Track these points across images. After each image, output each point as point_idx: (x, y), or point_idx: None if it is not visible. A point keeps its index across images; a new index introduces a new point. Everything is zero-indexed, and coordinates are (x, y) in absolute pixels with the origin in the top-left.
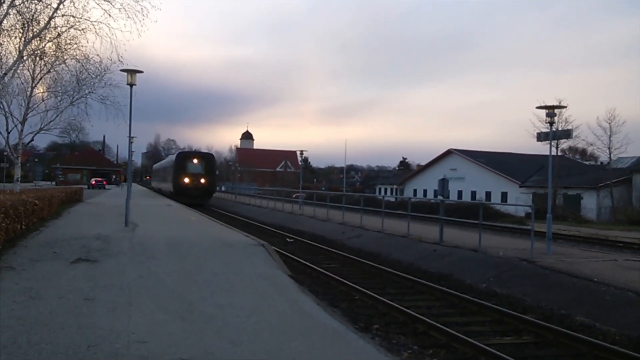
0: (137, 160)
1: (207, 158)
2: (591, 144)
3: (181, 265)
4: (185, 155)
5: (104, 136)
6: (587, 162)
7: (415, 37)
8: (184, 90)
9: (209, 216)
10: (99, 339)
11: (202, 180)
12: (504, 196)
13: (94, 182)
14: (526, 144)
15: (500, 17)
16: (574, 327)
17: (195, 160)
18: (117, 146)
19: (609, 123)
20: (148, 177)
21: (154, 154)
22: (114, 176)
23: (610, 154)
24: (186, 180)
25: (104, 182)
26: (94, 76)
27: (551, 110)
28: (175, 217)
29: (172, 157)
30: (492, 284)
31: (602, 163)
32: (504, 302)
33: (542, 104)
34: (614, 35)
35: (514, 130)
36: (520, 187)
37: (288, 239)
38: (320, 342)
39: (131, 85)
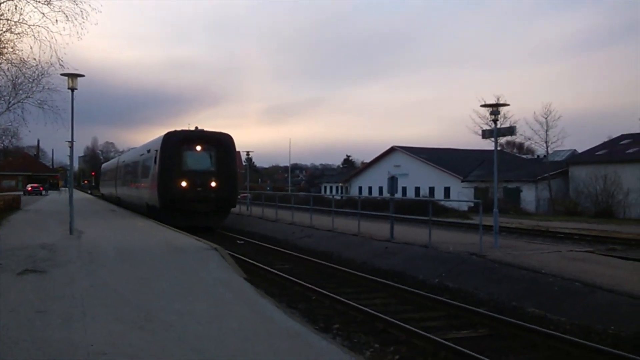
0: (74, 164)
1: (220, 142)
2: (529, 139)
3: (134, 272)
4: (182, 139)
5: (39, 140)
6: (525, 156)
7: (358, 36)
8: (123, 91)
9: (157, 221)
10: (57, 352)
11: (213, 184)
12: (447, 191)
13: (29, 189)
14: (466, 139)
15: (440, 16)
16: (526, 318)
17: (198, 148)
18: (52, 150)
19: (546, 118)
20: (86, 182)
21: (91, 157)
22: (50, 181)
23: (547, 148)
24: (184, 184)
25: (41, 188)
26: (31, 80)
27: (495, 109)
28: (121, 222)
29: (155, 143)
30: (445, 279)
31: (539, 156)
32: (457, 297)
33: (483, 102)
34: (550, 34)
35: (454, 127)
36: (462, 182)
37: (238, 241)
38: (283, 345)
39: (72, 89)
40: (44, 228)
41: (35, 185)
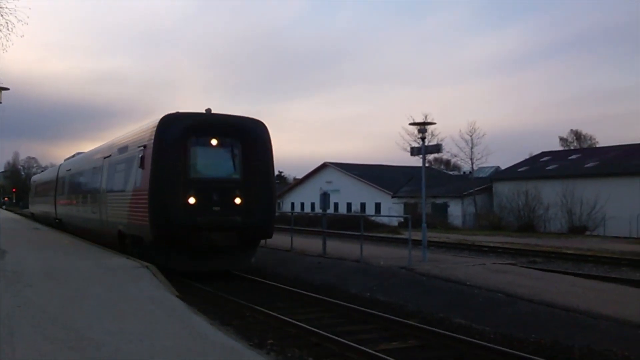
0: None
1: (249, 134)
2: (455, 155)
3: (62, 292)
4: (189, 127)
5: None
6: (451, 172)
7: (291, 52)
8: (47, 105)
9: (86, 241)
10: None
11: (238, 200)
12: (378, 207)
13: None
14: (396, 155)
15: (371, 34)
16: (453, 328)
17: (214, 142)
18: None
19: (471, 136)
20: (7, 199)
21: (12, 173)
22: None
23: (472, 164)
24: (191, 200)
25: None
26: None
27: (423, 127)
28: (47, 240)
29: (141, 136)
30: (376, 293)
31: (465, 173)
32: (388, 309)
33: (412, 120)
34: (475, 53)
35: (385, 143)
36: (392, 197)
37: None
38: None
39: None
40: None
41: None
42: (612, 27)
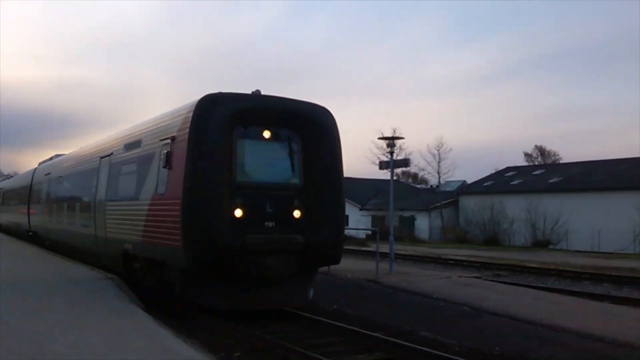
0: None
1: (312, 124)
2: (422, 169)
3: (24, 304)
4: (235, 114)
5: None
6: (419, 186)
7: (263, 66)
8: (7, 112)
9: (48, 250)
10: None
11: (297, 213)
12: (346, 219)
13: None
14: (365, 168)
15: (341, 48)
16: (419, 341)
17: (267, 134)
18: None
19: (438, 150)
20: None
21: None
22: None
23: (439, 178)
24: (237, 213)
25: None
26: None
27: (391, 141)
28: (8, 250)
29: (166, 125)
30: (343, 306)
31: (432, 186)
32: (355, 322)
33: (381, 134)
34: (444, 70)
35: (354, 156)
36: (360, 210)
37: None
38: None
39: None
40: None
41: None
42: (576, 47)
